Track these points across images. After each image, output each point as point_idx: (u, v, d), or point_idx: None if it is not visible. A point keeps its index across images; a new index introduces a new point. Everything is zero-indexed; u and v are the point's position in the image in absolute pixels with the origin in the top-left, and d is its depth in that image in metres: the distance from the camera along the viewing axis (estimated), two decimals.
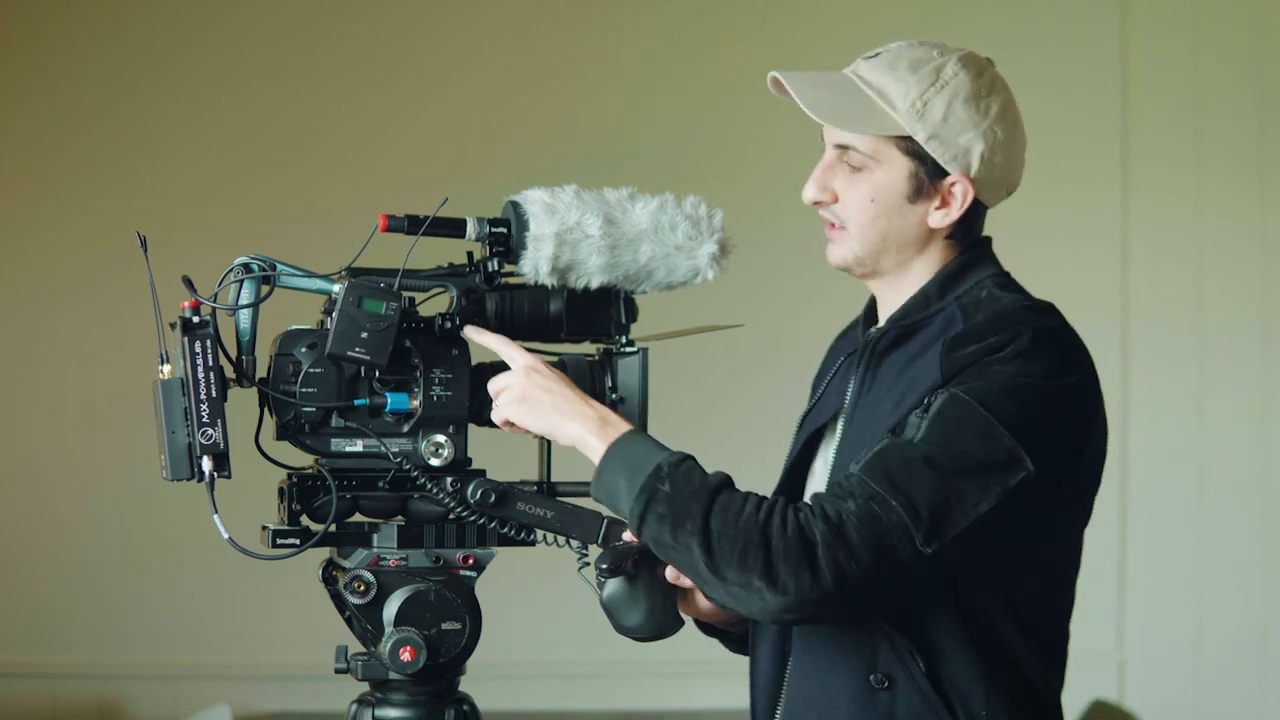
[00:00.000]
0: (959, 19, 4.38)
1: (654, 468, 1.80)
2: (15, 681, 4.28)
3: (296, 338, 1.88)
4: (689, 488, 1.78)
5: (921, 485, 1.73)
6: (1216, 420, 4.43)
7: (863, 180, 1.90)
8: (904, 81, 1.88)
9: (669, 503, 1.77)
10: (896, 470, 1.74)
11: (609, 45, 4.46)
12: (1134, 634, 4.44)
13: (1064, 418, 1.80)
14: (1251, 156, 4.44)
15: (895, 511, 1.72)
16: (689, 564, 1.78)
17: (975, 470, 1.74)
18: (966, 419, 1.75)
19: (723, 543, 1.75)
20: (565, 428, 1.87)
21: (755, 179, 4.25)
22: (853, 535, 1.72)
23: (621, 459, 1.83)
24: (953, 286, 1.92)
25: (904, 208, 1.90)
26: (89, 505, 4.31)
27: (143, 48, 4.37)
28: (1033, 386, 1.77)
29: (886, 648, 1.84)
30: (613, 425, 1.86)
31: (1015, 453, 1.74)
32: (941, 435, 1.75)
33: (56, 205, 4.34)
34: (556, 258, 1.91)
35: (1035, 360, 1.78)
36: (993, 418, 1.75)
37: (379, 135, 4.40)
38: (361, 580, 1.91)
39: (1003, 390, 1.76)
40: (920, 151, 1.88)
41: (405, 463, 1.90)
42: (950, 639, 1.83)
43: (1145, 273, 4.45)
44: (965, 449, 1.74)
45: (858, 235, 1.91)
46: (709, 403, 4.29)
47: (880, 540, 1.71)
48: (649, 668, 4.29)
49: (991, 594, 1.84)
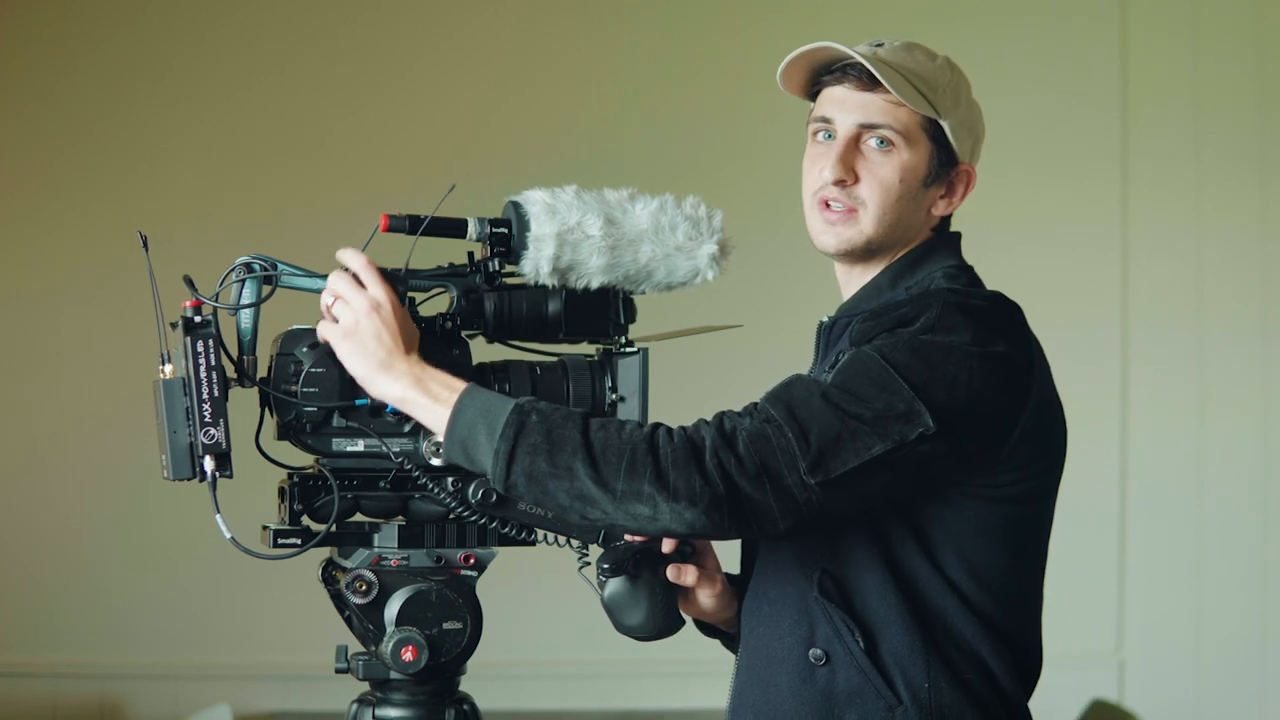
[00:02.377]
0: (959, 18, 4.39)
1: (514, 406, 1.76)
2: (15, 681, 4.28)
3: (298, 337, 1.88)
4: (559, 414, 1.76)
5: (816, 418, 1.74)
6: (1216, 420, 4.43)
7: (890, 160, 1.91)
8: (929, 68, 1.92)
9: (541, 430, 1.74)
10: (797, 401, 1.76)
11: (609, 45, 4.46)
12: (1134, 634, 4.44)
13: (977, 384, 1.78)
14: (1251, 156, 4.44)
15: (785, 436, 1.73)
16: (572, 488, 1.73)
17: (872, 418, 1.74)
18: (869, 371, 1.77)
19: (608, 453, 1.72)
20: (380, 383, 1.80)
21: (755, 179, 4.25)
22: (740, 448, 1.72)
23: (475, 409, 1.77)
24: (905, 277, 1.94)
25: (920, 192, 1.93)
26: (89, 505, 4.31)
27: (143, 47, 4.37)
28: (939, 347, 1.78)
29: (824, 624, 1.85)
30: (439, 383, 1.80)
31: (914, 406, 1.74)
32: (844, 382, 1.77)
33: (57, 205, 4.34)
34: (557, 258, 1.91)
35: (945, 331, 1.79)
36: (894, 371, 1.76)
37: (380, 135, 4.40)
38: (363, 580, 1.91)
39: (907, 348, 1.78)
40: (940, 137, 1.92)
41: (406, 462, 1.90)
42: (888, 613, 1.83)
43: (1145, 273, 4.45)
44: (864, 396, 1.75)
45: (877, 215, 1.92)
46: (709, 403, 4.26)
47: (766, 460, 1.72)
48: (649, 668, 4.30)
49: (925, 567, 1.84)
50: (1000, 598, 1.87)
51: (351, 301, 1.82)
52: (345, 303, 1.82)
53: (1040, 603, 1.96)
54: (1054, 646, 2.01)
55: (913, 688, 1.83)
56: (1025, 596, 1.93)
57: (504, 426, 1.75)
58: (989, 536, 1.86)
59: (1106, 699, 4.11)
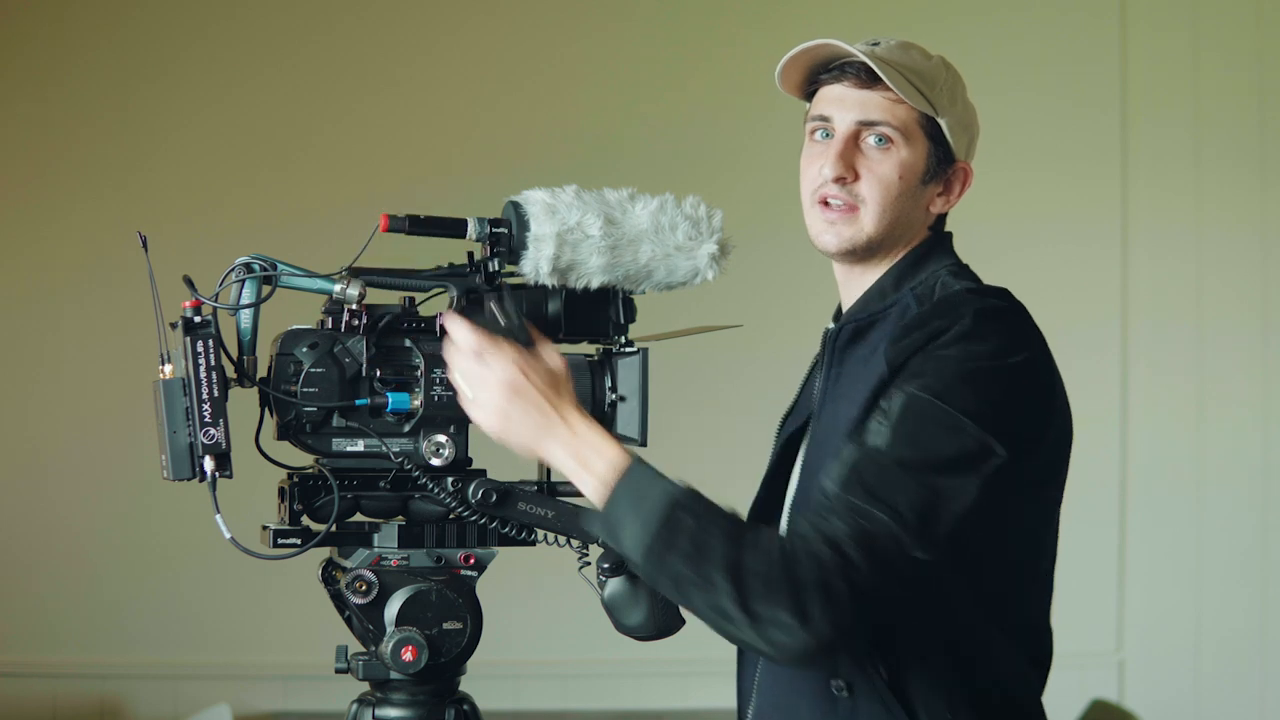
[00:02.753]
0: (959, 18, 4.39)
1: (666, 501, 1.74)
2: (15, 681, 4.28)
3: (297, 337, 1.88)
4: (708, 519, 1.73)
5: (901, 491, 1.70)
6: (1216, 420, 4.43)
7: (889, 157, 1.91)
8: (926, 66, 1.92)
9: (689, 535, 1.71)
10: (874, 482, 1.71)
11: (608, 45, 4.46)
12: (1134, 634, 4.44)
13: (1020, 398, 1.77)
14: (1251, 156, 4.44)
15: (882, 523, 1.69)
16: (711, 600, 1.70)
17: (948, 466, 1.71)
18: (928, 416, 1.73)
19: (750, 575, 1.69)
20: (543, 451, 1.82)
21: (755, 179, 4.25)
22: (852, 554, 1.68)
23: (628, 496, 1.76)
24: (908, 278, 1.93)
25: (919, 189, 1.93)
26: (89, 505, 4.31)
27: (143, 47, 4.37)
28: (984, 370, 1.75)
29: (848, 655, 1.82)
30: (596, 451, 1.80)
31: (983, 440, 1.72)
32: (908, 437, 1.72)
33: (56, 205, 4.34)
34: (557, 258, 1.91)
35: (979, 340, 1.76)
36: (953, 410, 1.72)
37: (379, 135, 4.40)
38: (363, 580, 1.91)
39: (956, 379, 1.74)
40: (937, 135, 1.92)
41: (406, 462, 1.90)
42: (916, 646, 1.81)
43: (1145, 272, 4.46)
44: (934, 447, 1.71)
45: (877, 213, 1.91)
46: (709, 403, 4.29)
47: (876, 554, 1.68)
48: (649, 668, 4.29)
49: (964, 595, 1.81)
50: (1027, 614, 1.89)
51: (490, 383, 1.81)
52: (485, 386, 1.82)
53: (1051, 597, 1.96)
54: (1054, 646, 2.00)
55: (935, 719, 1.81)
56: (1049, 594, 1.94)
57: (657, 525, 1.73)
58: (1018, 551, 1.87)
59: (1106, 699, 4.10)
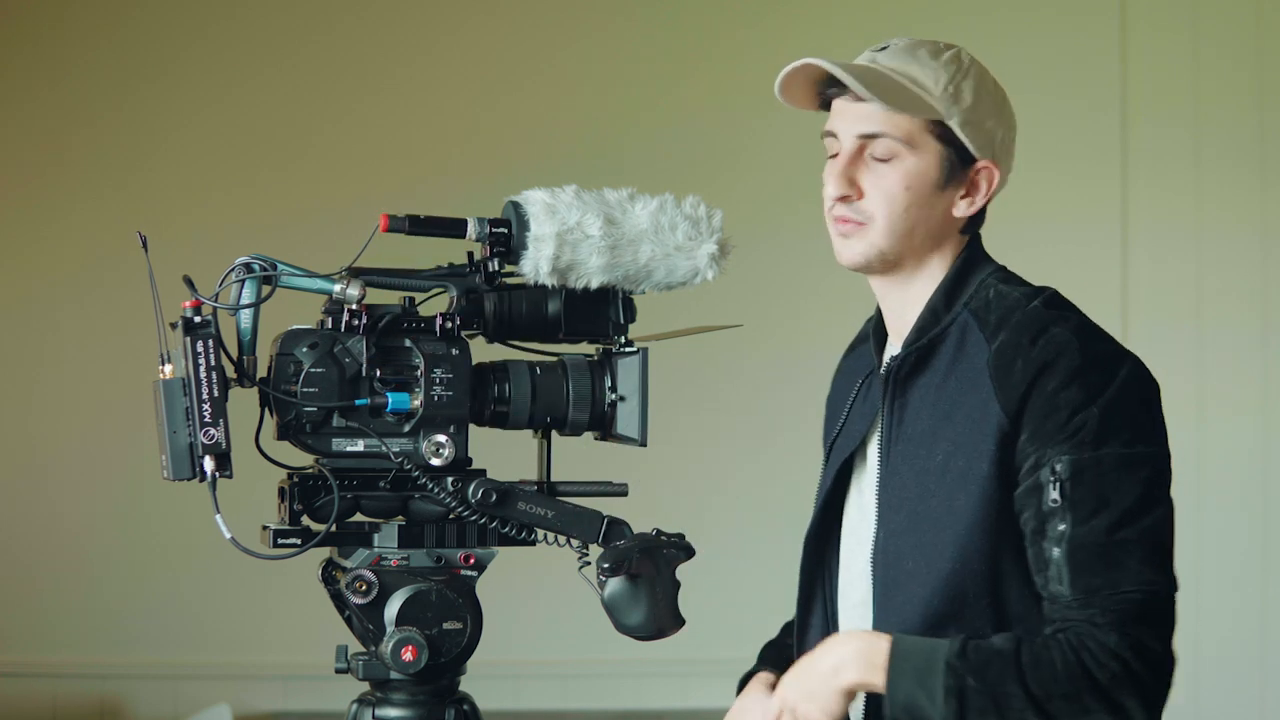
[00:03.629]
0: (957, 17, 4.38)
1: (946, 670, 1.77)
2: (15, 681, 4.28)
3: (297, 337, 1.88)
4: (992, 670, 1.77)
5: (1129, 556, 1.83)
6: (1216, 420, 4.43)
7: (893, 169, 1.89)
8: (930, 68, 1.89)
9: (985, 695, 1.76)
10: (1098, 564, 1.82)
11: (608, 45, 4.46)
12: None
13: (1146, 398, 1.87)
14: (1251, 155, 4.44)
15: (1149, 591, 1.86)
16: None
17: (1143, 503, 1.83)
18: (1098, 473, 1.81)
19: (1054, 699, 1.76)
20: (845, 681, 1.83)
21: (755, 179, 4.25)
22: (1147, 633, 1.83)
23: (905, 671, 1.79)
24: (958, 293, 1.92)
25: (934, 196, 1.91)
26: (89, 505, 4.31)
27: (142, 46, 4.37)
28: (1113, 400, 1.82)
29: None
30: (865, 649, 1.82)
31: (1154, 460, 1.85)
32: (1098, 499, 1.81)
33: (56, 205, 4.34)
34: (557, 258, 1.91)
35: (1094, 371, 1.81)
36: (1117, 445, 1.81)
37: (379, 135, 4.40)
38: (363, 580, 1.91)
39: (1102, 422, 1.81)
40: (951, 137, 1.89)
41: (406, 462, 1.90)
42: None
43: (1145, 271, 4.45)
44: (1124, 491, 1.82)
45: (887, 228, 1.90)
46: (709, 403, 4.29)
47: (1160, 622, 1.86)
48: (649, 668, 4.29)
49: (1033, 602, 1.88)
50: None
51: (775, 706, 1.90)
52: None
53: None
54: None
55: None
56: None
57: (944, 695, 1.76)
58: None
59: None
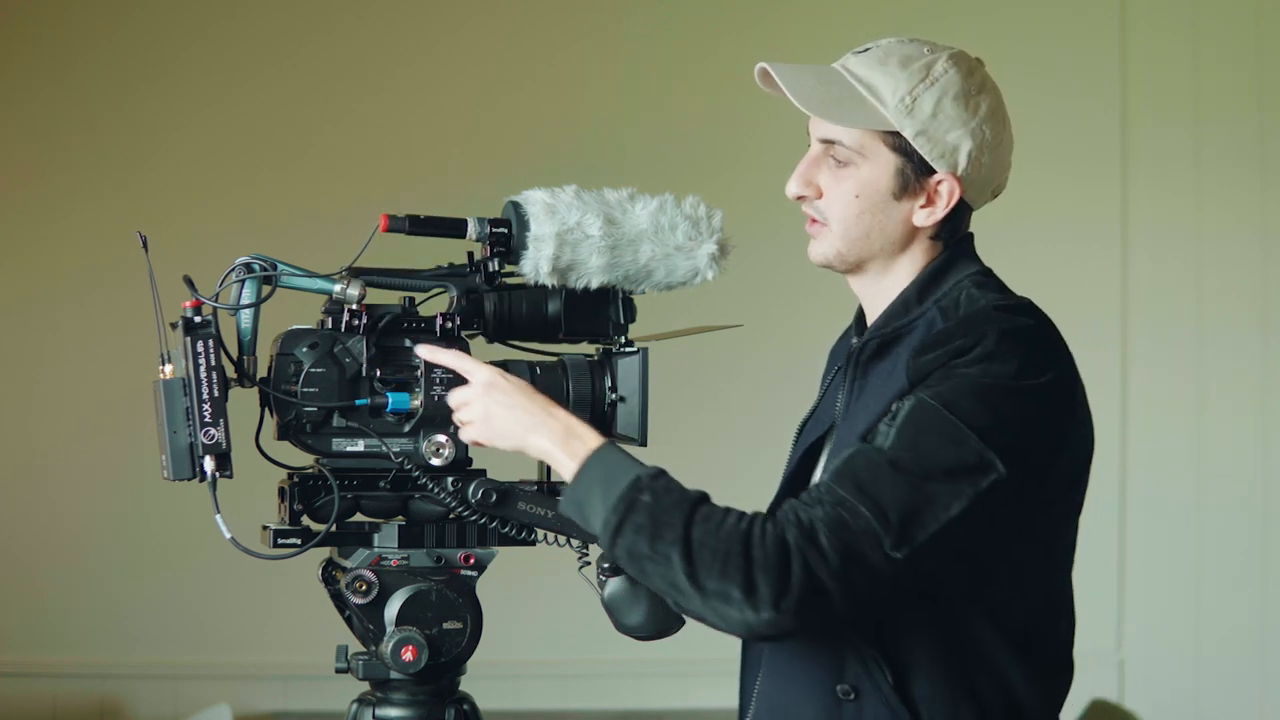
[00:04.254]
0: (956, 17, 4.38)
1: (632, 480, 1.77)
2: (15, 681, 4.28)
3: (297, 337, 1.89)
4: (669, 499, 1.75)
5: (889, 490, 1.71)
6: (1216, 419, 4.43)
7: (848, 176, 1.88)
8: (893, 77, 1.86)
9: (649, 513, 1.74)
10: (864, 476, 1.72)
11: (608, 45, 4.46)
12: (1134, 634, 4.44)
13: (1035, 419, 1.77)
14: (1251, 156, 4.44)
15: (863, 517, 1.70)
16: (665, 575, 1.74)
17: (944, 475, 1.71)
18: (933, 424, 1.73)
19: (704, 552, 1.72)
20: (531, 442, 1.85)
21: (755, 179, 4.24)
22: (823, 541, 1.70)
23: (596, 472, 1.79)
24: (932, 289, 1.90)
25: (889, 205, 1.88)
26: (89, 505, 4.31)
27: (142, 46, 4.37)
28: (1000, 388, 1.75)
29: (854, 658, 1.82)
30: (579, 438, 1.83)
31: (984, 455, 1.72)
32: (909, 441, 1.73)
33: (56, 205, 4.34)
34: (557, 258, 1.91)
35: (1002, 361, 1.76)
36: (960, 421, 1.72)
37: (379, 135, 4.40)
38: (363, 580, 1.91)
39: (969, 393, 1.74)
40: (908, 148, 1.86)
41: (406, 462, 1.90)
42: (921, 650, 1.81)
43: (1145, 272, 4.46)
44: (933, 454, 1.72)
45: (841, 232, 1.90)
46: (709, 403, 4.29)
47: (849, 546, 1.69)
48: (649, 668, 4.29)
49: (968, 603, 1.81)
50: (1042, 612, 1.87)
51: (468, 397, 1.88)
52: (466, 403, 1.88)
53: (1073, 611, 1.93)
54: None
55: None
56: (1066, 605, 1.92)
57: (617, 500, 1.76)
58: (1029, 563, 1.85)
59: (1106, 699, 4.10)
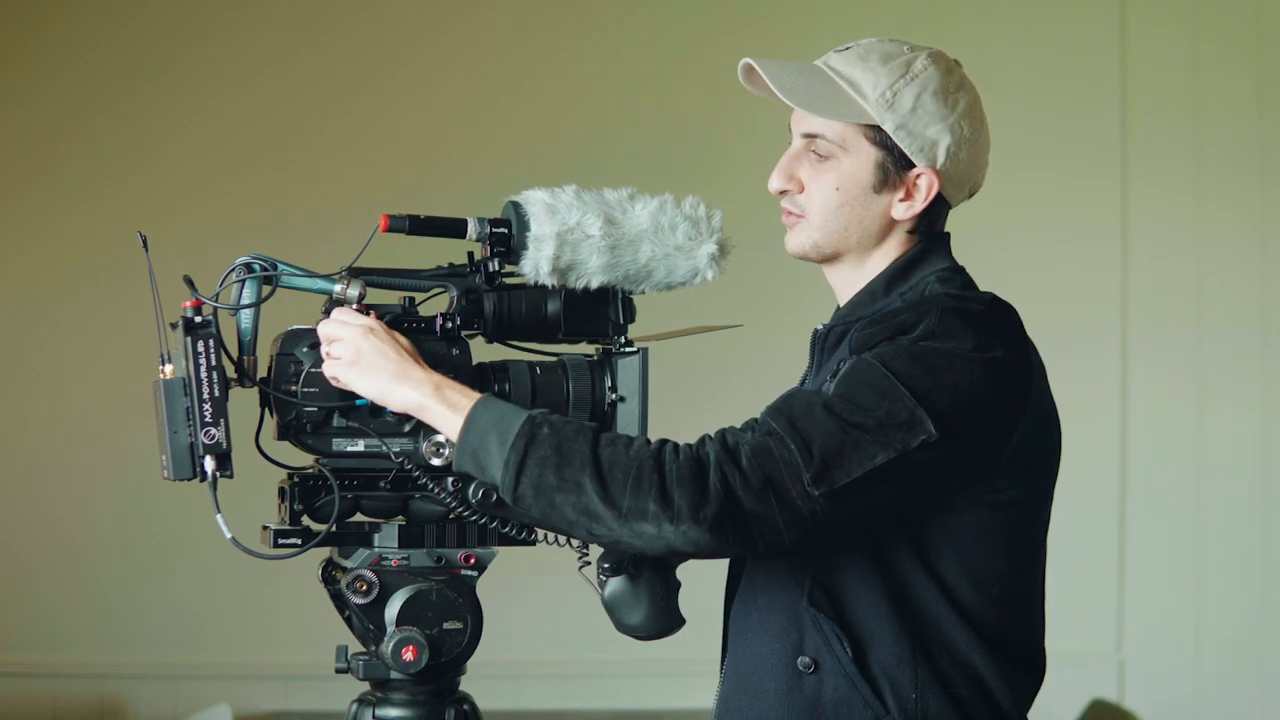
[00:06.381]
0: (958, 17, 4.39)
1: (526, 418, 1.77)
2: (15, 681, 4.28)
3: (298, 337, 1.89)
4: (570, 428, 1.76)
5: (819, 429, 1.74)
6: (1216, 419, 4.43)
7: (829, 169, 1.92)
8: (874, 72, 1.90)
9: (551, 444, 1.75)
10: (798, 413, 1.76)
11: (607, 45, 4.46)
12: (1134, 634, 4.44)
13: (973, 391, 1.78)
14: (1251, 155, 4.44)
15: (788, 448, 1.73)
16: (577, 503, 1.74)
17: (874, 426, 1.74)
18: (870, 379, 1.76)
19: (615, 470, 1.73)
20: (397, 392, 1.82)
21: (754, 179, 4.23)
22: (744, 462, 1.72)
23: (487, 417, 1.79)
24: (899, 283, 1.93)
25: (868, 197, 1.92)
26: (89, 505, 4.31)
27: (142, 46, 4.37)
28: (940, 353, 1.77)
29: (813, 631, 1.84)
30: (457, 391, 1.82)
31: (916, 414, 1.74)
32: (845, 391, 1.76)
33: (56, 204, 4.34)
34: (557, 258, 1.91)
35: (945, 337, 1.79)
36: (896, 379, 1.75)
37: (379, 135, 4.40)
38: (364, 580, 1.91)
39: (908, 357, 1.77)
40: (888, 142, 1.90)
41: (407, 462, 1.90)
42: (879, 622, 1.83)
43: (1145, 271, 4.46)
44: (866, 405, 1.75)
45: (819, 223, 1.94)
46: (709, 403, 4.27)
47: (770, 474, 1.72)
48: (649, 668, 4.30)
49: (920, 574, 1.83)
50: (999, 603, 1.87)
51: (344, 334, 1.84)
52: (339, 339, 1.85)
53: (1042, 608, 1.95)
54: (1054, 646, 2.00)
55: (900, 698, 1.83)
56: (1025, 602, 1.92)
57: (515, 437, 1.75)
58: (988, 542, 1.86)
59: (1106, 699, 4.10)
